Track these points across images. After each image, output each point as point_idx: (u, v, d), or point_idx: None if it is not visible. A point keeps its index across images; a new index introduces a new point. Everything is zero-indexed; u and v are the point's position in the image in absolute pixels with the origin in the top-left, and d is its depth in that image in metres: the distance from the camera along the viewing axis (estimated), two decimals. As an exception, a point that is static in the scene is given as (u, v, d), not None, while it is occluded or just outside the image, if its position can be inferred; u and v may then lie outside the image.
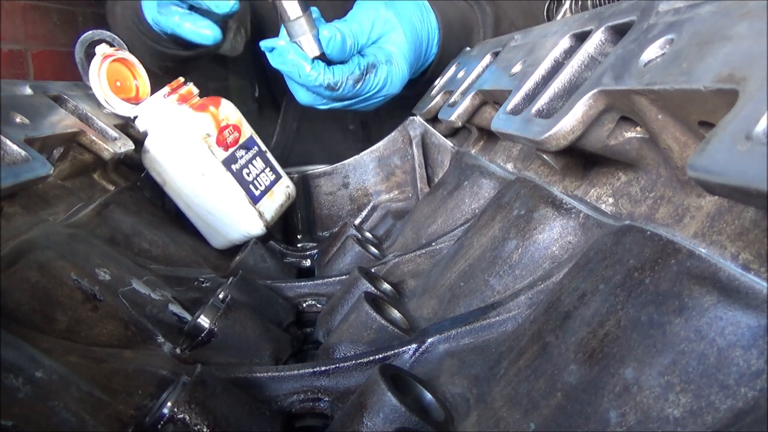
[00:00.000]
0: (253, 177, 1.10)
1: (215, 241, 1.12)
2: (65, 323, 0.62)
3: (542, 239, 0.63)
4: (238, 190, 1.06)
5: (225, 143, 1.06)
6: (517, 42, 0.91)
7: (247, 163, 1.10)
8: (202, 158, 1.03)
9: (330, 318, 0.77)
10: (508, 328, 0.58)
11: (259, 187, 1.10)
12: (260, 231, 1.08)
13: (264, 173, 1.13)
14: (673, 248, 0.42)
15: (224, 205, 1.06)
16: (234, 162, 1.07)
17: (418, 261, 0.87)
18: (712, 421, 0.33)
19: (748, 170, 0.28)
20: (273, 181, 1.14)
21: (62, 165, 0.94)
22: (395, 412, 0.46)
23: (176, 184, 1.07)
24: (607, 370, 0.40)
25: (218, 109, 1.08)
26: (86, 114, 1.02)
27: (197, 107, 1.06)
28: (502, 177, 0.88)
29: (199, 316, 0.70)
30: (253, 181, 1.09)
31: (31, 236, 0.67)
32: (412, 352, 0.60)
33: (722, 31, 0.39)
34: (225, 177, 1.04)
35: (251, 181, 1.09)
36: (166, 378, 0.56)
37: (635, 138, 0.53)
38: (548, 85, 0.61)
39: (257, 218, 1.07)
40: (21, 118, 0.79)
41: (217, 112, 1.08)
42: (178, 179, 1.06)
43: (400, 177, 1.29)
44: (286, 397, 0.59)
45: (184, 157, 1.03)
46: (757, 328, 0.33)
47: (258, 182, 1.10)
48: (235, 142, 1.09)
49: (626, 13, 0.55)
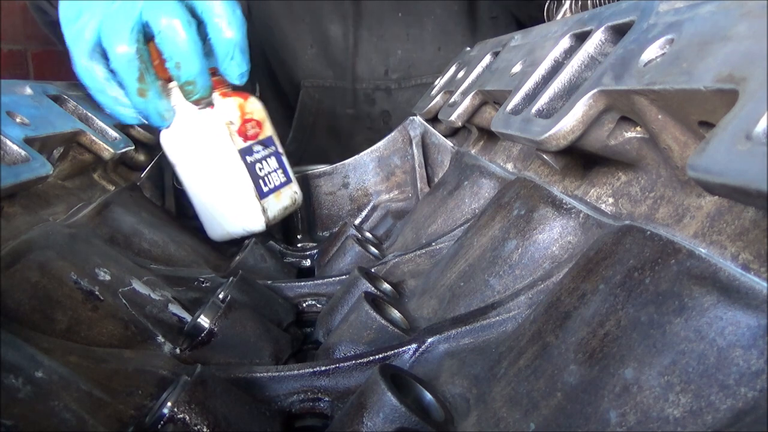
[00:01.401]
0: (264, 173, 1.10)
1: (214, 232, 1.11)
2: (65, 323, 0.62)
3: (542, 239, 0.63)
4: (248, 181, 1.06)
5: (245, 135, 1.07)
6: (517, 42, 0.91)
7: (262, 159, 1.10)
8: (221, 143, 1.03)
9: (330, 318, 0.77)
10: (508, 328, 0.58)
11: (268, 184, 1.10)
12: (260, 227, 1.08)
13: (276, 173, 1.13)
14: (673, 248, 0.42)
15: (231, 193, 1.06)
16: (249, 154, 1.07)
17: (418, 261, 0.87)
18: (712, 421, 0.33)
19: (748, 170, 0.28)
20: (283, 183, 1.14)
21: (62, 165, 0.94)
22: (395, 412, 0.46)
23: (189, 166, 1.07)
24: (607, 370, 0.40)
25: (246, 102, 1.09)
26: (86, 114, 1.02)
27: (226, 95, 1.06)
28: (502, 177, 0.88)
29: (199, 316, 0.70)
30: (263, 177, 1.09)
31: (31, 236, 0.67)
32: (412, 352, 0.60)
33: (722, 31, 0.38)
34: (238, 165, 1.05)
35: (262, 177, 1.09)
36: (166, 378, 0.56)
37: (635, 138, 0.53)
38: (548, 85, 0.61)
39: (260, 213, 1.07)
40: (21, 118, 0.79)
41: (244, 104, 1.08)
42: (193, 161, 1.06)
43: (400, 177, 1.29)
44: (286, 397, 0.59)
45: (203, 139, 1.04)
46: (757, 328, 0.33)
47: (268, 179, 1.11)
48: (255, 137, 1.10)
49: (626, 13, 0.55)
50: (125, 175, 1.15)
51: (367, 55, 1.87)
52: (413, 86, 1.89)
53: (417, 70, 1.88)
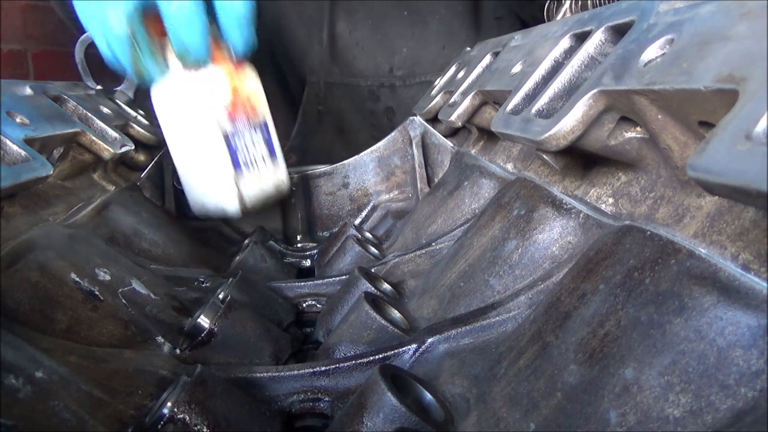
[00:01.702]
0: (248, 157, 1.06)
1: (194, 205, 1.09)
2: (65, 323, 0.62)
3: (542, 239, 0.63)
4: (226, 159, 1.01)
5: (234, 111, 1.04)
6: (517, 42, 0.91)
7: (248, 141, 1.06)
8: (203, 114, 1.01)
9: (330, 318, 0.77)
10: (508, 328, 0.58)
11: (250, 167, 1.06)
12: (234, 210, 1.04)
13: (263, 158, 1.09)
14: (673, 248, 0.42)
15: (208, 167, 1.03)
16: (236, 135, 1.03)
17: (418, 261, 0.87)
18: (712, 421, 0.33)
19: (748, 170, 0.28)
20: (268, 169, 1.10)
21: (62, 165, 0.94)
22: (395, 412, 0.46)
23: (173, 129, 1.05)
24: (607, 370, 0.40)
25: (243, 81, 1.06)
26: (86, 114, 1.02)
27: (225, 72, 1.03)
28: (502, 177, 0.88)
29: (199, 316, 0.70)
30: (246, 161, 1.05)
31: (31, 236, 0.67)
32: (412, 352, 0.60)
33: (722, 31, 0.38)
34: (217, 140, 1.01)
35: (244, 160, 1.05)
36: (166, 378, 0.56)
37: (635, 138, 0.53)
38: (548, 85, 0.61)
39: (235, 197, 1.03)
40: (21, 118, 0.79)
41: (241, 84, 1.05)
42: (176, 125, 1.04)
43: (400, 177, 1.29)
44: (286, 397, 0.59)
45: (187, 106, 1.01)
46: (757, 328, 0.33)
47: (251, 163, 1.06)
48: (245, 116, 1.06)
49: (626, 13, 0.55)
50: (125, 175, 1.15)
51: (372, 52, 1.91)
52: (417, 83, 1.91)
53: (421, 68, 1.91)
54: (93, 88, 1.19)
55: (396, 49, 1.90)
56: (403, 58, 1.91)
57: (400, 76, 1.92)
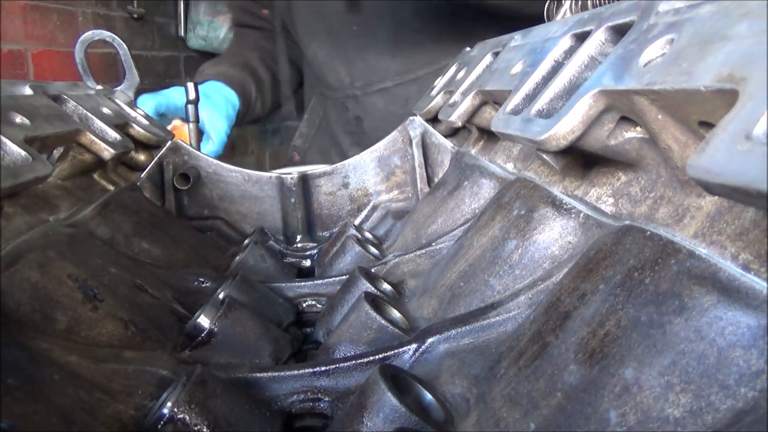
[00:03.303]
0: None
1: None
2: (65, 323, 0.62)
3: (542, 239, 0.63)
4: None
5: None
6: (517, 42, 0.91)
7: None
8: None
9: (330, 318, 0.77)
10: (508, 328, 0.58)
11: None
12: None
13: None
14: (673, 248, 0.42)
15: None
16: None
17: (418, 261, 0.87)
18: (712, 421, 0.33)
19: (748, 170, 0.28)
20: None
21: (62, 165, 0.94)
22: (395, 412, 0.46)
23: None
24: (607, 370, 0.40)
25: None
26: (86, 114, 1.02)
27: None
28: (502, 177, 0.88)
29: (199, 316, 0.70)
30: None
31: (31, 236, 0.67)
32: (412, 352, 0.60)
33: (722, 31, 0.39)
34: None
35: None
36: (166, 378, 0.56)
37: (635, 138, 0.53)
38: (548, 85, 0.61)
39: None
40: (21, 118, 0.78)
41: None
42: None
43: (400, 177, 1.29)
44: (286, 397, 0.59)
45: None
46: (757, 328, 0.33)
47: None
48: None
49: (626, 13, 0.55)
50: (125, 175, 1.15)
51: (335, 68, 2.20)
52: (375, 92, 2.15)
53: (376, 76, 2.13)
54: (93, 88, 1.19)
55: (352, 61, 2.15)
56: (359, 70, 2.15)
57: (360, 87, 2.16)
